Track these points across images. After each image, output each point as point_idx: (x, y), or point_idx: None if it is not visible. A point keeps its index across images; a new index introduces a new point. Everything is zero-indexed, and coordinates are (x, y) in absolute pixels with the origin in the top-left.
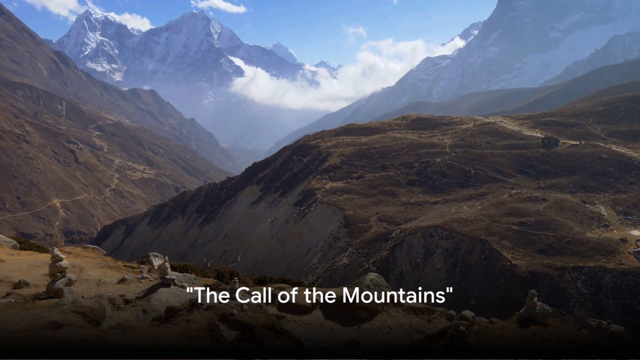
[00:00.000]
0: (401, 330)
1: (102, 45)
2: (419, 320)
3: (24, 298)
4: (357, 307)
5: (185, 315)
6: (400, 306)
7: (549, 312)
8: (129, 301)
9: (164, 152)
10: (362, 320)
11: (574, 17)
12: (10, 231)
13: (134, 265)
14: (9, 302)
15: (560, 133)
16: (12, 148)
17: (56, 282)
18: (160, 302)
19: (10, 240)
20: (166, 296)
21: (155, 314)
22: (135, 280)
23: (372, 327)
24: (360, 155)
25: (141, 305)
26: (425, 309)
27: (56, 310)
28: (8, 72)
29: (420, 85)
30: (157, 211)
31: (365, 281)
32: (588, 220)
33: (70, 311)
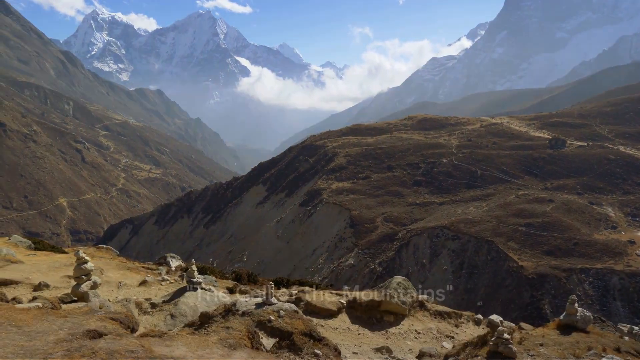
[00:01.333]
0: (429, 334)
1: (109, 45)
2: (447, 325)
3: (51, 302)
4: (383, 311)
5: (221, 322)
6: (426, 310)
7: (590, 319)
8: (155, 305)
9: (170, 151)
10: (389, 324)
11: (581, 18)
12: (18, 230)
13: (152, 266)
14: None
15: (567, 134)
16: (20, 147)
17: (81, 285)
18: (188, 307)
19: (25, 240)
20: (193, 300)
21: (184, 318)
22: (156, 282)
23: (399, 332)
24: (367, 155)
25: (168, 310)
26: (452, 313)
27: (92, 317)
28: (16, 71)
29: (426, 86)
30: (163, 211)
31: (392, 284)
32: (595, 221)
33: (106, 318)
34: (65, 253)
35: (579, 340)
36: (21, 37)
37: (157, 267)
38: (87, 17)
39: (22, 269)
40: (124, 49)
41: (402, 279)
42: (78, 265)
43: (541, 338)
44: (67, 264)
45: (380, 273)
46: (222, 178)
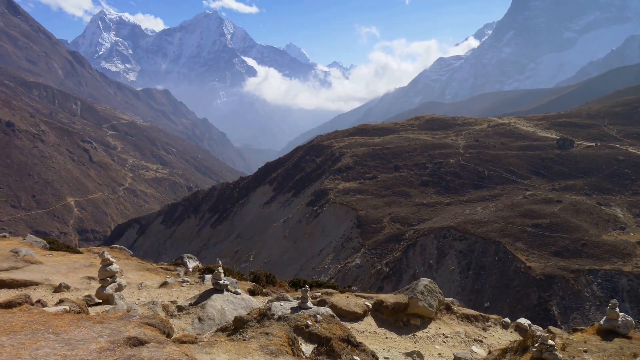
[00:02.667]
0: (457, 338)
1: (117, 46)
2: (474, 328)
3: (79, 305)
4: (410, 314)
5: (257, 327)
6: (453, 313)
7: (632, 324)
8: (182, 308)
9: (177, 151)
10: (416, 328)
11: (589, 17)
12: (26, 229)
13: (170, 267)
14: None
15: (575, 134)
16: (28, 147)
17: (106, 287)
18: (216, 310)
19: (40, 240)
20: (221, 303)
21: (211, 322)
22: (177, 284)
23: (427, 336)
24: (373, 155)
25: (195, 313)
26: (479, 316)
27: (129, 323)
28: (24, 71)
29: (433, 86)
30: (170, 210)
31: (418, 287)
32: (604, 222)
33: (144, 324)
34: (80, 253)
35: (622, 347)
36: (30, 38)
37: (174, 267)
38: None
39: (42, 270)
40: (132, 49)
41: (429, 281)
42: (103, 266)
43: (584, 344)
44: (86, 265)
45: (387, 273)
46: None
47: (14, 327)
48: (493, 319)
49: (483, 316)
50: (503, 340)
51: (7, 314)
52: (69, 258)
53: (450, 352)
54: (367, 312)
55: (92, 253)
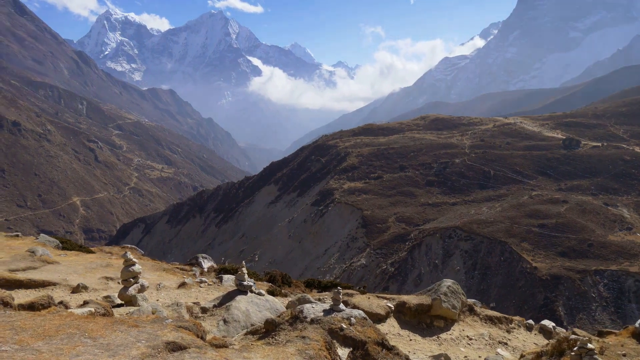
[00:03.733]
0: (482, 341)
1: (122, 45)
2: (498, 330)
3: (104, 307)
4: (433, 315)
5: (289, 330)
6: (476, 315)
7: None
8: (206, 310)
9: (182, 151)
10: (439, 330)
11: (595, 17)
12: (32, 228)
13: (186, 267)
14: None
15: (581, 134)
16: (34, 146)
17: (129, 288)
18: (240, 311)
19: (53, 239)
20: (245, 305)
21: (237, 324)
22: (195, 284)
23: (451, 338)
24: (379, 155)
25: (220, 314)
26: (502, 318)
27: (164, 326)
28: (30, 71)
29: (438, 86)
30: (176, 210)
31: (441, 288)
32: (610, 222)
33: (179, 327)
34: (93, 253)
35: None
36: (36, 38)
37: (190, 268)
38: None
39: (59, 270)
40: (137, 49)
41: (452, 282)
42: (125, 267)
43: (621, 347)
44: (102, 265)
45: (392, 273)
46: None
47: (48, 332)
48: (516, 321)
49: (506, 318)
50: (528, 343)
51: (37, 316)
52: (83, 258)
53: (476, 355)
54: (389, 314)
55: (104, 252)
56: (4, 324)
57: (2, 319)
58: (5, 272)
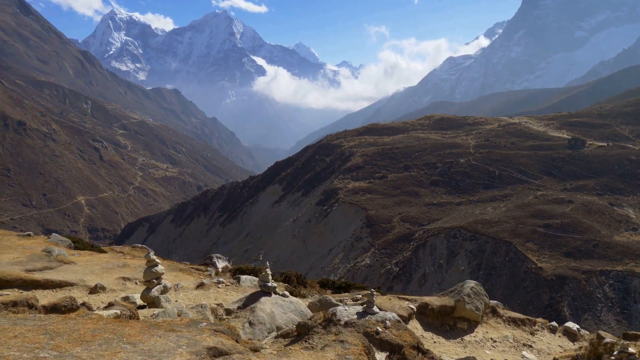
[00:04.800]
0: (506, 343)
1: (127, 45)
2: (522, 333)
3: (129, 310)
4: (457, 317)
5: (323, 333)
6: (499, 316)
7: None
8: (230, 311)
9: (187, 150)
10: (463, 332)
11: (600, 16)
12: (37, 227)
13: (201, 267)
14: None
15: (587, 134)
16: (39, 146)
17: (151, 289)
18: (265, 313)
19: (65, 239)
20: (270, 306)
21: (262, 326)
22: (213, 285)
23: (475, 340)
24: (383, 155)
25: (245, 316)
26: (525, 319)
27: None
28: (35, 71)
29: (443, 85)
30: (180, 209)
31: (465, 289)
32: (616, 223)
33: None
34: (105, 252)
35: None
36: (41, 37)
37: (205, 268)
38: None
39: (75, 270)
40: (141, 49)
41: (475, 283)
42: (148, 268)
43: None
44: (119, 265)
45: (397, 273)
46: (238, 177)
47: (84, 336)
48: (540, 323)
49: (530, 320)
50: (552, 345)
51: (69, 320)
52: (98, 258)
53: (502, 358)
54: (412, 316)
55: (115, 252)
56: (36, 328)
57: (33, 323)
58: (22, 272)
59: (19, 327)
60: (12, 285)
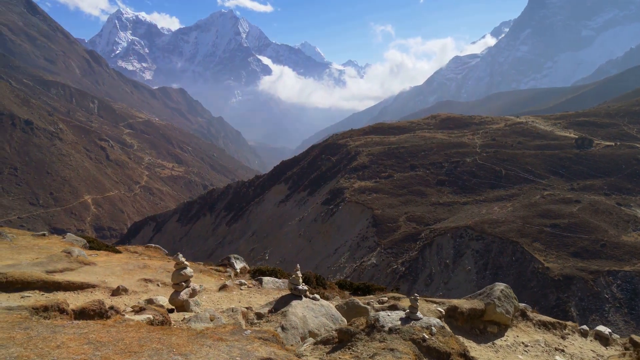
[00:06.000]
0: (538, 348)
1: (133, 45)
2: (553, 337)
3: (162, 314)
4: (486, 321)
5: (367, 340)
6: (529, 320)
7: None
8: (261, 315)
9: (193, 150)
10: (493, 335)
11: (607, 15)
12: (44, 226)
13: (220, 268)
14: (198, 330)
15: (594, 133)
16: (46, 145)
17: (180, 292)
18: (297, 317)
19: (80, 239)
20: (301, 310)
21: (295, 331)
22: (235, 286)
23: (507, 344)
24: (389, 154)
25: (277, 321)
26: (556, 323)
27: (248, 340)
28: (42, 70)
29: (449, 85)
30: (186, 208)
31: (495, 292)
32: (624, 223)
33: (265, 340)
34: (120, 252)
35: None
36: (48, 37)
37: (224, 269)
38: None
39: (96, 272)
40: (148, 48)
41: (505, 286)
42: (177, 270)
43: None
44: (139, 266)
45: (403, 273)
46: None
47: (130, 347)
48: (570, 326)
49: (560, 323)
50: (585, 350)
51: (109, 327)
52: (116, 258)
53: None
54: (440, 319)
55: (130, 252)
56: (78, 337)
57: (73, 331)
58: (43, 274)
59: (60, 336)
60: (33, 286)
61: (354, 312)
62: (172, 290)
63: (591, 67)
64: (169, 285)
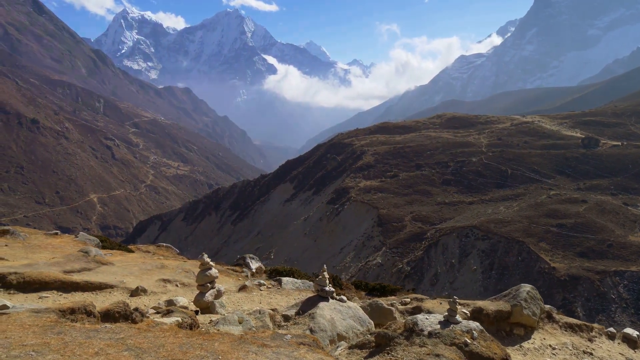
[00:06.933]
0: (566, 351)
1: (139, 44)
2: (580, 339)
3: (190, 317)
4: (513, 323)
5: (407, 345)
6: (555, 322)
7: None
8: (288, 318)
9: (198, 149)
10: (520, 338)
11: (614, 14)
12: (50, 225)
13: (236, 268)
14: (239, 336)
15: (600, 133)
16: (52, 144)
17: (205, 294)
18: (326, 320)
19: (94, 238)
20: (329, 312)
21: (324, 334)
22: (255, 287)
23: (534, 347)
24: (395, 154)
25: (305, 323)
26: (582, 325)
27: (290, 345)
28: (49, 70)
29: (454, 84)
30: (192, 207)
31: (521, 294)
32: (630, 223)
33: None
34: (133, 252)
35: None
36: (54, 36)
37: (241, 269)
38: (117, 16)
39: (114, 272)
40: (153, 48)
41: (531, 287)
42: (202, 271)
43: None
44: (157, 267)
45: (409, 272)
46: (248, 175)
47: (173, 354)
48: (597, 329)
49: (587, 325)
50: (613, 353)
51: (145, 332)
52: (131, 258)
53: None
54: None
55: (142, 252)
56: (115, 343)
57: (109, 336)
58: (60, 274)
59: (96, 341)
60: (51, 287)
61: (377, 314)
62: (190, 290)
63: (597, 67)
64: (187, 285)
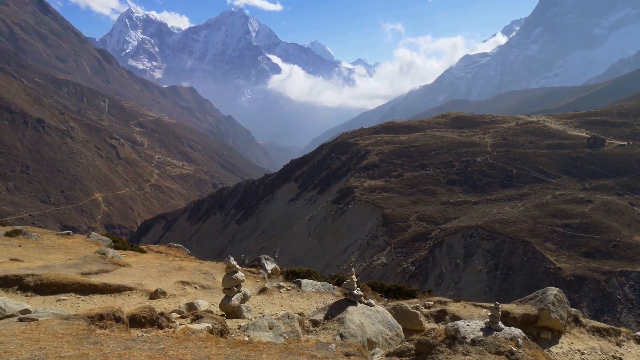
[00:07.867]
0: (595, 355)
1: (143, 44)
2: (608, 344)
3: (220, 323)
4: (540, 327)
5: (450, 353)
6: (582, 326)
7: None
8: (316, 323)
9: (202, 148)
10: (547, 342)
11: (619, 14)
12: (55, 224)
13: (252, 269)
14: (286, 346)
15: (606, 133)
16: (57, 143)
17: (231, 298)
18: (355, 325)
19: (106, 239)
20: (358, 317)
21: (354, 339)
22: (275, 289)
23: (562, 352)
24: (399, 153)
25: (334, 328)
26: (610, 329)
27: (338, 356)
28: (54, 69)
29: (459, 84)
30: (196, 207)
31: (548, 297)
32: (636, 223)
33: (347, 354)
34: (145, 252)
35: None
36: (59, 36)
37: (257, 270)
38: (122, 15)
39: (132, 274)
40: (158, 47)
41: (557, 290)
42: (228, 274)
43: None
44: (175, 268)
45: (413, 272)
46: (253, 175)
47: None
48: (624, 333)
49: (614, 329)
50: None
51: (185, 342)
52: (145, 259)
53: None
54: None
55: (154, 252)
56: (157, 354)
57: (148, 346)
58: (78, 276)
59: (136, 352)
60: (68, 289)
61: (402, 318)
62: (210, 293)
63: (603, 66)
64: (207, 288)
